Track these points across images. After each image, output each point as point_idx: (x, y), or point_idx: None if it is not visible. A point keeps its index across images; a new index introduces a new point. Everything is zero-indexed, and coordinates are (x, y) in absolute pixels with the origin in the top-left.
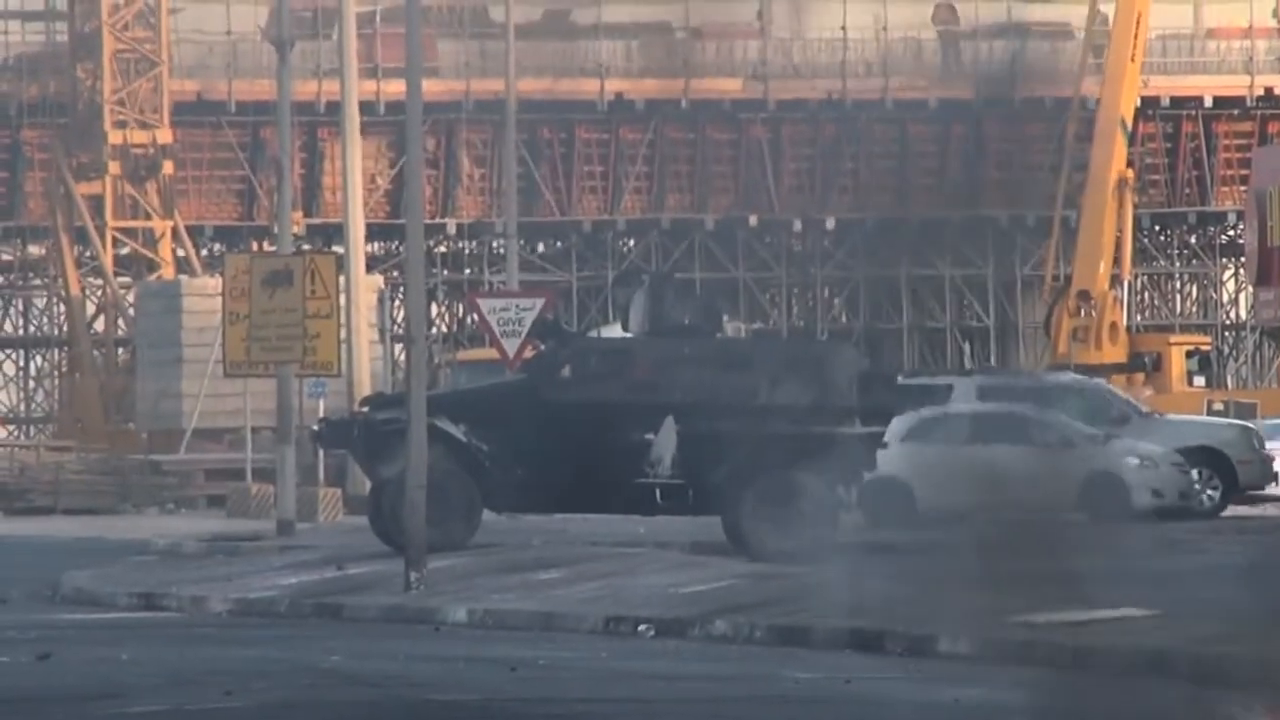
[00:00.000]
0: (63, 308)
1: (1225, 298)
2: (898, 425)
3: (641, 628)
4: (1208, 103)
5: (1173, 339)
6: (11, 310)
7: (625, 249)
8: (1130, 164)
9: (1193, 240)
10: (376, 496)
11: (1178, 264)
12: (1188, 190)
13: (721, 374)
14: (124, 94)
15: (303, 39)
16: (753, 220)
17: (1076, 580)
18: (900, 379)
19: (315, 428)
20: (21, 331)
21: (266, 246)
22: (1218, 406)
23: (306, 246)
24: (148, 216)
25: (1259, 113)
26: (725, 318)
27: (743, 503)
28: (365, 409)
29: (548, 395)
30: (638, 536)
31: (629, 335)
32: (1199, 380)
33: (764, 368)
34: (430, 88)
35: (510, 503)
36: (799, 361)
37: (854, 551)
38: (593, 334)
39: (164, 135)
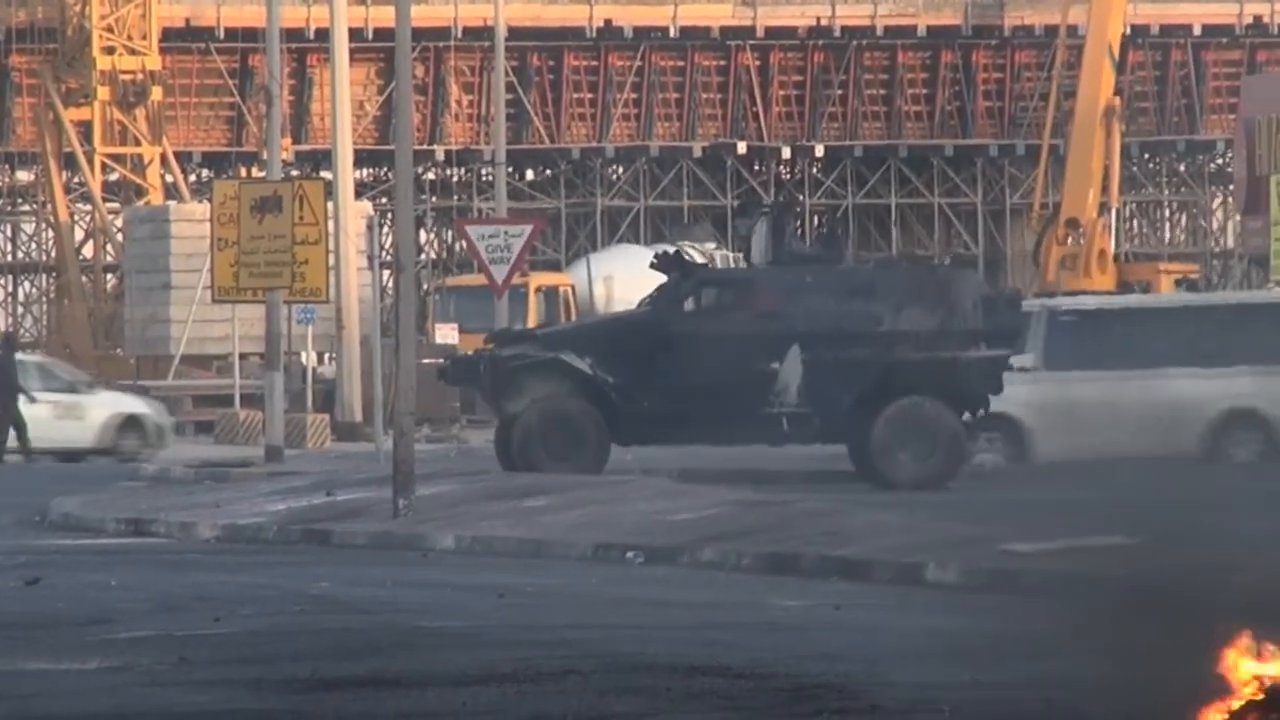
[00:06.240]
0: (51, 233)
1: (1214, 226)
2: None
3: (630, 555)
4: (1196, 30)
5: (1161, 267)
6: (0, 236)
7: (614, 176)
8: (1118, 92)
9: (1181, 168)
10: (505, 432)
11: (1166, 192)
12: (1176, 119)
13: (845, 302)
14: (112, 20)
15: None
16: (741, 148)
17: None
18: None
19: (441, 364)
20: (10, 257)
21: (255, 172)
22: None
23: (295, 173)
24: (136, 142)
25: (1248, 41)
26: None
27: (871, 430)
28: (492, 345)
29: (672, 328)
30: (625, 464)
31: (749, 265)
32: None
33: (887, 294)
34: (419, 14)
35: (637, 435)
36: (922, 287)
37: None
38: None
39: (152, 61)
